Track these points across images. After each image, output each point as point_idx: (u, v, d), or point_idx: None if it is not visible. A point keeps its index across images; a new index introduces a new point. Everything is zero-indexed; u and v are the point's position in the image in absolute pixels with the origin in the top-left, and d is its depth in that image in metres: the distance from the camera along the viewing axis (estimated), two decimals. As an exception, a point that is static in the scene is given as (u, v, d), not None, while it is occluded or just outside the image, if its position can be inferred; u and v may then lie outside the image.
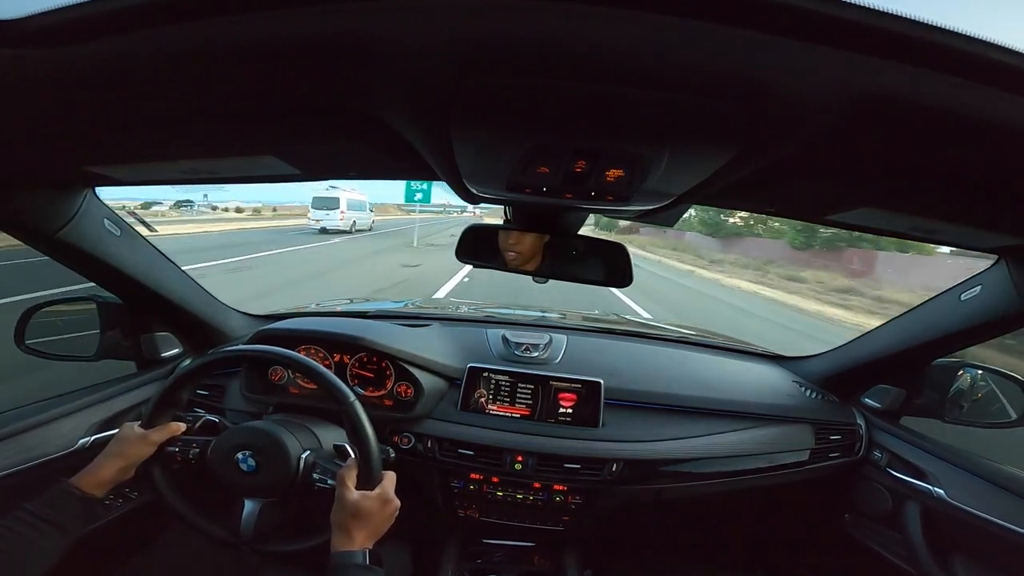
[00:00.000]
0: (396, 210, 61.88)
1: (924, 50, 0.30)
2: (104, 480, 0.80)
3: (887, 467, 1.14)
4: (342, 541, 0.73)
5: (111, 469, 0.81)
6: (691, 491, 1.17)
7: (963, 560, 0.98)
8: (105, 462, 0.82)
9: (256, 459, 0.86)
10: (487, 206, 1.15)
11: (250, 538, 0.86)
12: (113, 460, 0.82)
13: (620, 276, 0.99)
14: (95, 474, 0.80)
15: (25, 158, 0.69)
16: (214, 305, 1.33)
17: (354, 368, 1.22)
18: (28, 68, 0.40)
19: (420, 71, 0.41)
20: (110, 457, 0.82)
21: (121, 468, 0.82)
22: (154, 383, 1.17)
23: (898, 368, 1.19)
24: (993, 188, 0.56)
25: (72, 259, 0.96)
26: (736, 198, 0.79)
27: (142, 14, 0.33)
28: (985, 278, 0.90)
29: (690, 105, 0.42)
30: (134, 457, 0.85)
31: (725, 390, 1.26)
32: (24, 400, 0.99)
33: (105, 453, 0.83)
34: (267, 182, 0.88)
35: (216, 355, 0.93)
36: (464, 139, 0.54)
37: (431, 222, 44.84)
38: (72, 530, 0.73)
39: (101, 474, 0.80)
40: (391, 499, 0.79)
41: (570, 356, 1.31)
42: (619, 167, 0.57)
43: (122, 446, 0.84)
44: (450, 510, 1.22)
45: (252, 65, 0.42)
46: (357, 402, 0.82)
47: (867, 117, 0.41)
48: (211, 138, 0.65)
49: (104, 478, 0.80)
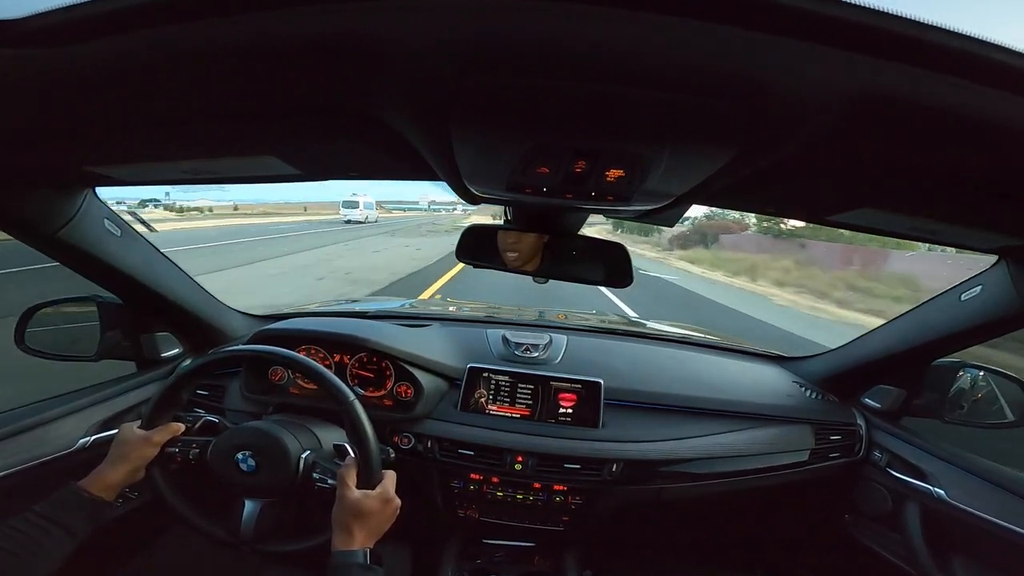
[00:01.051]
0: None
1: (924, 50, 0.30)
2: (113, 483, 0.80)
3: (887, 467, 1.14)
4: (343, 540, 0.73)
5: (120, 472, 0.81)
6: (691, 491, 1.17)
7: (963, 560, 0.98)
8: (112, 466, 0.81)
9: (256, 459, 0.86)
10: (469, 206, 1.15)
11: (250, 538, 0.86)
12: (120, 463, 0.82)
13: (620, 276, 0.99)
14: (103, 477, 0.80)
15: (25, 158, 0.69)
16: (214, 305, 1.33)
17: (354, 368, 1.22)
18: (28, 68, 0.40)
19: (420, 71, 0.41)
20: (116, 460, 0.82)
21: (129, 471, 0.82)
22: (154, 383, 1.17)
23: (898, 368, 1.19)
24: (993, 188, 0.55)
25: (72, 259, 0.96)
26: (736, 198, 0.79)
27: (142, 14, 0.33)
28: (985, 278, 0.90)
29: (690, 105, 0.42)
30: (140, 459, 0.84)
31: (725, 390, 1.26)
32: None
33: (110, 457, 0.83)
34: (267, 182, 0.88)
35: (217, 355, 0.93)
36: (464, 139, 0.54)
37: (411, 220, 46.94)
38: (80, 533, 0.73)
39: (110, 478, 0.80)
40: (392, 498, 0.79)
41: (570, 356, 1.31)
42: (619, 167, 0.57)
43: (124, 448, 0.84)
44: (450, 510, 1.22)
45: (252, 65, 0.42)
46: (356, 401, 0.82)
47: (867, 117, 0.41)
48: (211, 138, 0.65)
49: (113, 481, 0.80)
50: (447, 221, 43.87)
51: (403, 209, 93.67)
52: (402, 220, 47.84)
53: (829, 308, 10.12)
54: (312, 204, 70.25)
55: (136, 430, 0.86)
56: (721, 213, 23.15)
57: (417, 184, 53.82)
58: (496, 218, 1.24)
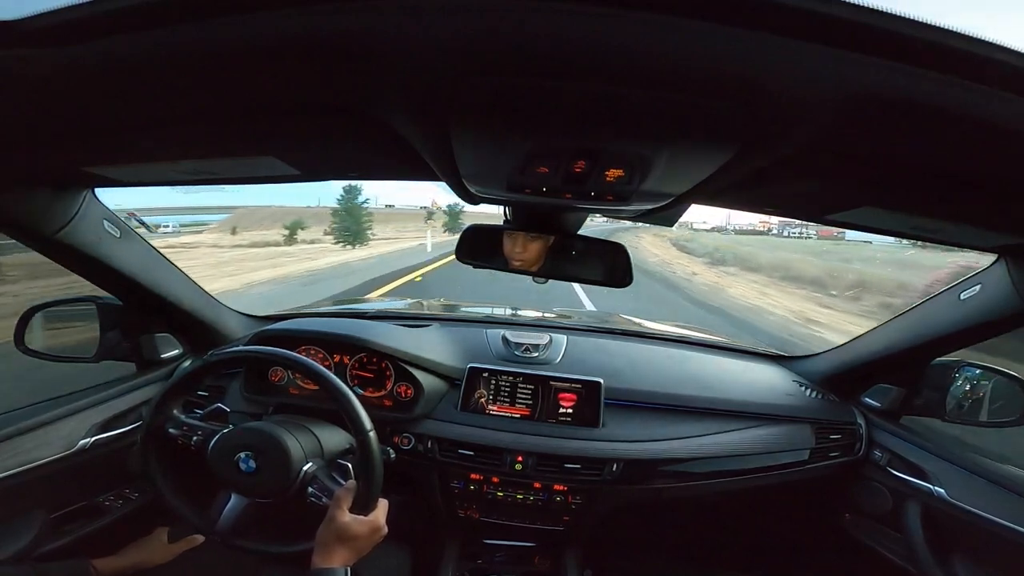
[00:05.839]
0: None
1: (923, 50, 0.30)
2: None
3: (887, 466, 1.14)
4: (323, 558, 0.75)
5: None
6: (691, 491, 1.17)
7: (963, 560, 0.98)
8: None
9: (256, 461, 0.86)
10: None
11: (225, 531, 0.87)
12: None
13: (620, 276, 0.99)
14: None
15: (25, 158, 0.69)
16: (213, 306, 1.33)
17: (354, 369, 1.22)
18: (28, 68, 0.40)
19: (420, 71, 0.41)
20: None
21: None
22: (154, 384, 1.17)
23: (898, 367, 1.19)
24: (993, 188, 0.56)
25: (71, 260, 0.96)
26: (736, 198, 0.79)
27: (142, 14, 0.33)
28: (985, 277, 0.90)
29: (690, 105, 0.42)
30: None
31: (725, 390, 1.26)
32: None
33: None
34: (267, 183, 0.88)
35: (218, 356, 0.93)
36: (464, 139, 0.54)
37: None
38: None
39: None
40: (381, 527, 0.81)
41: (570, 356, 1.31)
42: (619, 167, 0.57)
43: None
44: (450, 510, 1.22)
45: (252, 65, 0.42)
46: (374, 433, 0.83)
47: (867, 117, 0.41)
48: (210, 138, 0.65)
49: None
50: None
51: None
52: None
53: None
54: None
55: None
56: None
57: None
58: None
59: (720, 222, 73.24)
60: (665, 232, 28.68)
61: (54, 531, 0.96)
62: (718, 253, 21.17)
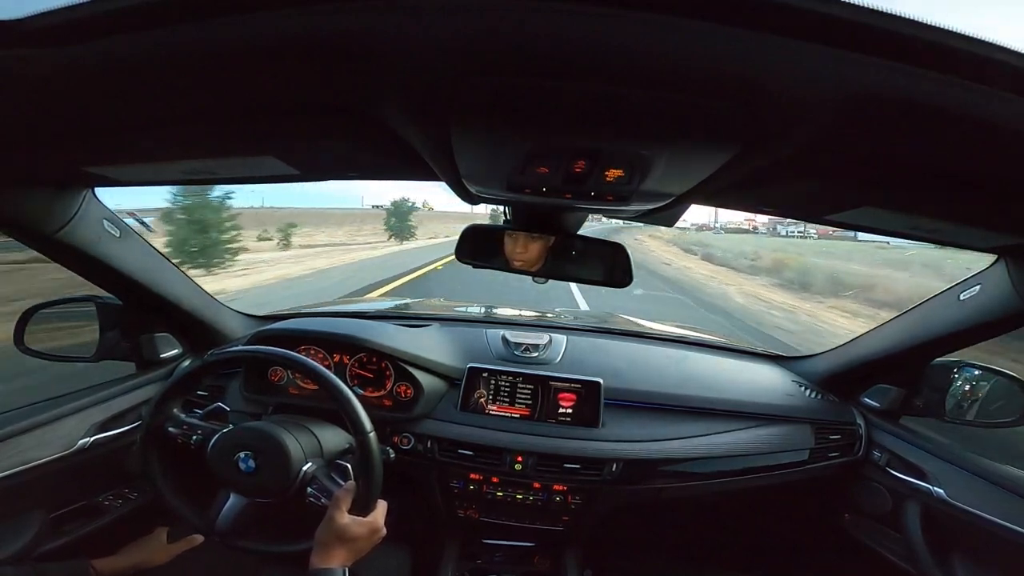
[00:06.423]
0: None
1: (923, 50, 0.30)
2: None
3: (887, 467, 1.14)
4: (322, 558, 0.75)
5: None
6: (691, 491, 1.17)
7: (963, 560, 0.98)
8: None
9: (256, 460, 0.86)
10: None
11: (224, 531, 0.87)
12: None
13: (621, 275, 0.99)
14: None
15: (25, 158, 0.69)
16: (213, 306, 1.33)
17: (353, 368, 1.22)
18: (28, 68, 0.40)
19: (420, 71, 0.41)
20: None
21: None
22: (154, 384, 1.17)
23: (897, 368, 1.19)
24: (993, 188, 0.56)
25: (71, 260, 0.96)
26: (736, 198, 0.79)
27: (142, 14, 0.33)
28: (984, 278, 0.90)
29: (690, 105, 0.42)
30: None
31: (725, 390, 1.26)
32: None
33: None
34: (266, 183, 0.88)
35: (218, 356, 0.93)
36: (463, 139, 0.54)
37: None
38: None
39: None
40: (380, 528, 0.81)
41: (570, 356, 1.31)
42: (619, 167, 0.57)
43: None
44: (450, 510, 1.22)
45: (251, 65, 0.42)
46: (373, 433, 0.83)
47: (866, 117, 0.41)
48: (211, 138, 0.65)
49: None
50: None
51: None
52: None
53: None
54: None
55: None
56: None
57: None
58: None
59: (706, 220, 72.13)
60: (663, 232, 27.70)
61: (54, 531, 0.96)
62: (760, 262, 15.69)
